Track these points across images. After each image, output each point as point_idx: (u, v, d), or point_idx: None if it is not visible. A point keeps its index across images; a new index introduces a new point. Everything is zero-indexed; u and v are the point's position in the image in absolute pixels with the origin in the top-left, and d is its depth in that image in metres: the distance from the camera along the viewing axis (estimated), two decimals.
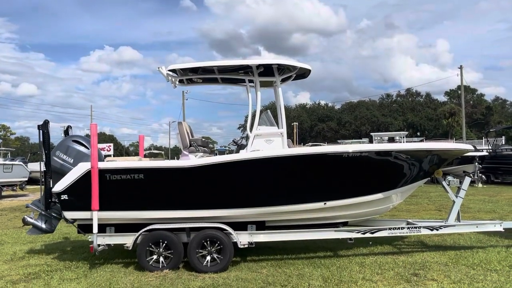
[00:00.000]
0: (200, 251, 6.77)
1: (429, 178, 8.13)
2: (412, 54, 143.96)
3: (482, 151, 24.03)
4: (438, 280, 6.06)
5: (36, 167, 21.99)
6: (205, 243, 6.77)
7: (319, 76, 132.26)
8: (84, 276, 6.80)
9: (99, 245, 6.97)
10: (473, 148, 7.83)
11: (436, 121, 76.35)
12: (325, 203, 6.95)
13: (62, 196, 6.89)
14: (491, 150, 24.10)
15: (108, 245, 7.11)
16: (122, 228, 7.10)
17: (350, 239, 7.23)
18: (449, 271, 6.44)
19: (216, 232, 6.78)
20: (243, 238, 6.92)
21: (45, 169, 7.33)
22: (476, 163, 7.79)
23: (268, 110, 7.79)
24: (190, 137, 7.90)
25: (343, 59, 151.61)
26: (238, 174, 6.78)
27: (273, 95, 8.09)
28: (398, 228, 7.31)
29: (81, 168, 6.85)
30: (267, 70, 7.35)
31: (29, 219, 7.49)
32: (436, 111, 76.27)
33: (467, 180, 7.79)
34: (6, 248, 9.30)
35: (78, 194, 6.80)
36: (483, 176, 21.45)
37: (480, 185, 21.46)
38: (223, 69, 7.61)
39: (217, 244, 6.76)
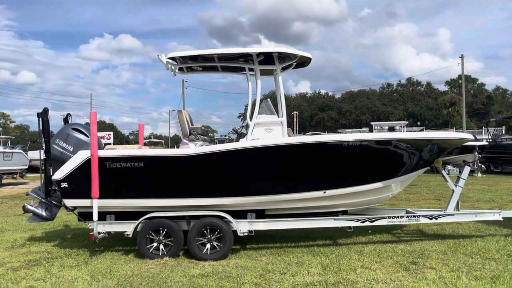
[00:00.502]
0: (200, 239, 6.80)
1: (429, 168, 8.13)
2: (413, 43, 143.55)
3: (482, 140, 24.02)
4: (436, 268, 6.11)
5: (36, 155, 22.02)
6: (205, 231, 6.79)
7: (320, 65, 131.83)
8: (84, 263, 6.85)
9: (99, 233, 6.99)
10: (473, 138, 7.82)
11: (436, 111, 76.22)
12: (324, 192, 6.97)
13: (62, 184, 6.90)
14: (491, 140, 24.09)
15: (109, 232, 7.14)
16: (122, 216, 7.11)
17: (350, 227, 7.27)
18: (448, 260, 6.49)
19: (216, 220, 6.80)
20: (242, 226, 6.95)
21: (45, 157, 7.33)
22: (476, 153, 7.75)
23: (268, 99, 7.77)
24: (190, 126, 7.89)
25: (344, 48, 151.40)
26: (237, 163, 6.78)
27: (273, 83, 8.06)
28: (398, 217, 7.34)
29: (81, 156, 6.85)
30: (267, 58, 7.32)
31: (29, 207, 7.51)
32: (437, 101, 76.15)
33: (467, 169, 7.82)
34: (6, 235, 9.35)
35: (78, 182, 6.81)
36: (482, 166, 21.48)
37: (479, 174, 21.48)
38: (223, 57, 7.57)
39: (216, 232, 6.78)
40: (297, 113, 46.34)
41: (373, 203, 7.81)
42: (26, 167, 24.45)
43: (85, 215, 7.17)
